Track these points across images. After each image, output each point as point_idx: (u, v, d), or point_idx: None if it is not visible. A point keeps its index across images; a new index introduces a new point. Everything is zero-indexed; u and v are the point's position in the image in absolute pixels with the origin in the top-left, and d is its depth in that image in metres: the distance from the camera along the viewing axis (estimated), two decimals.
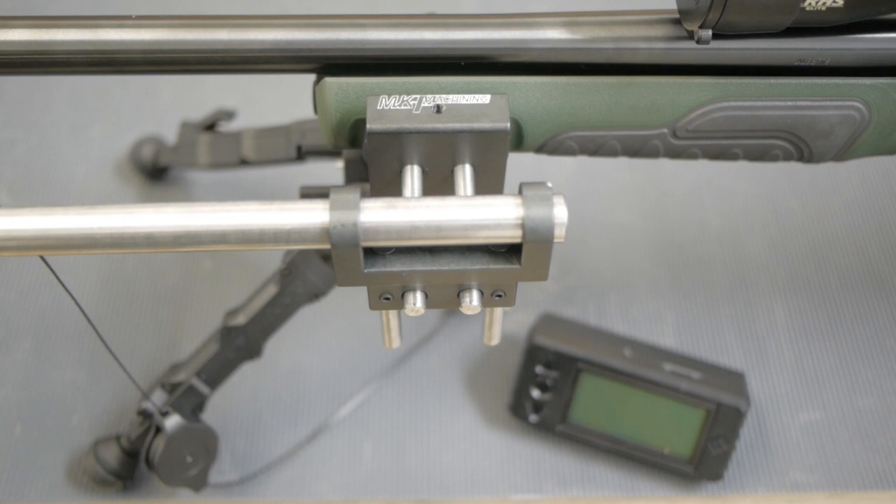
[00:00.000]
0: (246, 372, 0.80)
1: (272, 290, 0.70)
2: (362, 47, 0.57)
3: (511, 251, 0.53)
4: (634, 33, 0.58)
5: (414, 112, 0.56)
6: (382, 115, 0.56)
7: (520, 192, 0.51)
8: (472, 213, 0.51)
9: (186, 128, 0.89)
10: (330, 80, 0.58)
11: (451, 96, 0.57)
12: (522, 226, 0.50)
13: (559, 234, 0.51)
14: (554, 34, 0.58)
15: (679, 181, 0.97)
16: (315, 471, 0.78)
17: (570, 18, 0.59)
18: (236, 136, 0.83)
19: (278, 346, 0.82)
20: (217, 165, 0.85)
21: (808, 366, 0.84)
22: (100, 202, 0.93)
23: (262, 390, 0.82)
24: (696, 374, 0.76)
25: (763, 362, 0.84)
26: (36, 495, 0.77)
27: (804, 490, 0.78)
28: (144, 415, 0.72)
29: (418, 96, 0.57)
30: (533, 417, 0.78)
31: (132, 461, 0.75)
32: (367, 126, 0.55)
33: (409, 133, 0.56)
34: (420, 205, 0.51)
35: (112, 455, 0.74)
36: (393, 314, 0.59)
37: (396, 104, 0.57)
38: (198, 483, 0.72)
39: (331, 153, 0.75)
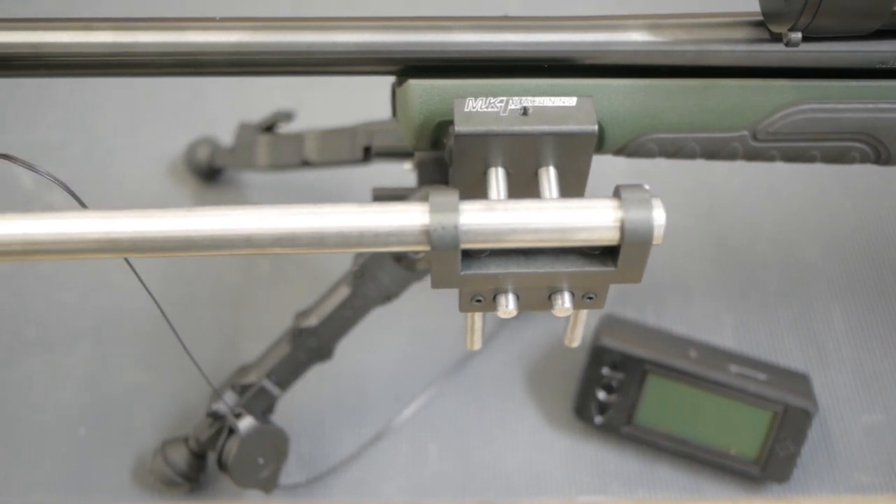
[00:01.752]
0: (308, 374, 0.80)
1: (344, 291, 0.70)
2: (447, 49, 0.57)
3: (605, 253, 0.53)
4: (716, 35, 0.58)
5: (501, 114, 0.56)
6: (470, 118, 0.56)
7: (616, 195, 0.51)
8: (570, 215, 0.50)
9: (244, 129, 0.89)
10: (415, 83, 0.58)
11: (537, 98, 0.57)
12: (621, 228, 0.50)
13: (658, 235, 0.51)
14: (637, 36, 0.58)
15: (729, 183, 0.97)
16: (380, 472, 0.78)
17: (652, 21, 0.59)
18: (298, 138, 0.83)
19: (340, 347, 0.82)
20: (277, 167, 0.85)
21: (868, 367, 0.84)
22: (156, 203, 0.93)
23: (325, 392, 0.82)
24: (762, 376, 0.76)
25: (823, 364, 0.84)
26: (102, 497, 0.77)
27: (869, 492, 0.78)
28: (215, 416, 0.72)
29: (505, 98, 0.57)
30: (598, 419, 0.78)
31: (200, 463, 0.75)
32: (455, 128, 0.55)
33: (497, 135, 0.56)
34: (518, 207, 0.51)
35: (180, 456, 0.74)
36: (479, 316, 0.59)
37: (483, 106, 0.57)
38: (268, 485, 0.72)
39: (399, 155, 0.75)
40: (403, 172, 0.76)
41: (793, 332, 0.86)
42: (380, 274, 0.70)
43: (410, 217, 0.50)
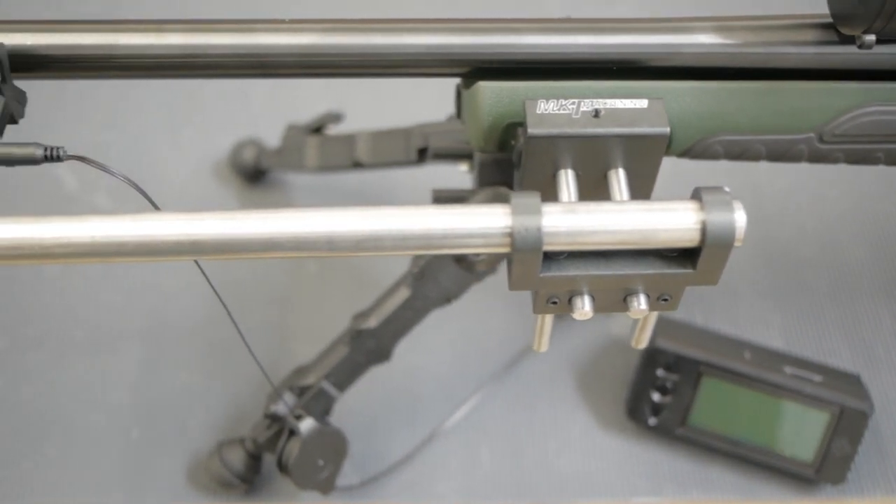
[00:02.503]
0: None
1: (404, 293, 0.70)
2: (517, 51, 0.57)
3: (684, 255, 0.53)
4: (784, 38, 0.58)
5: (573, 116, 0.56)
6: (542, 120, 0.56)
7: (696, 197, 0.51)
8: (652, 217, 0.50)
9: (292, 130, 0.89)
10: (485, 84, 0.58)
11: (607, 100, 0.57)
12: (703, 230, 0.50)
13: (739, 237, 0.51)
14: (705, 38, 0.58)
15: (773, 185, 0.97)
16: (434, 473, 0.78)
17: (721, 23, 0.59)
18: (349, 139, 0.83)
19: None
20: (326, 168, 0.85)
21: None
22: (202, 204, 0.94)
23: (377, 393, 0.82)
24: (816, 377, 0.76)
25: (872, 365, 0.84)
26: (157, 499, 0.77)
27: None
28: (273, 418, 0.72)
29: (576, 100, 0.57)
30: (652, 420, 0.78)
31: (256, 464, 0.75)
32: (528, 130, 0.55)
33: (569, 137, 0.56)
34: (600, 209, 0.51)
35: (237, 458, 0.74)
36: (549, 318, 0.59)
37: (555, 108, 0.56)
38: (327, 486, 0.73)
39: (455, 156, 0.75)
40: (459, 174, 0.76)
41: (841, 333, 0.86)
42: (440, 276, 0.70)
43: (493, 219, 0.50)
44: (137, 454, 0.79)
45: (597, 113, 0.56)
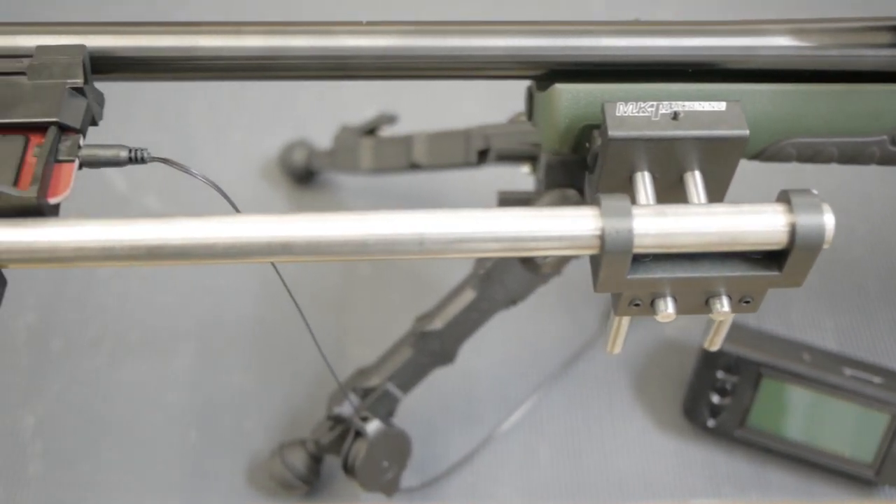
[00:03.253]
0: None
1: (470, 294, 0.70)
2: (593, 53, 0.57)
3: (769, 257, 0.53)
4: (860, 40, 0.58)
5: (652, 119, 0.56)
6: (623, 122, 0.56)
7: (783, 199, 0.51)
8: (740, 220, 0.51)
9: (345, 132, 0.89)
10: (562, 87, 0.58)
11: (686, 103, 0.57)
12: (792, 232, 0.50)
13: (828, 239, 0.51)
14: (782, 41, 0.58)
15: (821, 185, 0.96)
16: (493, 475, 0.79)
17: (796, 25, 0.59)
18: (406, 141, 0.83)
19: None
20: (381, 170, 0.85)
21: None
22: (252, 206, 0.93)
23: (433, 395, 0.82)
24: (876, 379, 0.76)
25: None
26: (218, 501, 0.77)
27: None
28: (337, 419, 0.72)
29: (655, 103, 0.57)
30: (710, 422, 0.78)
31: (317, 466, 0.75)
32: (609, 132, 0.55)
33: (649, 140, 0.56)
34: (689, 212, 0.51)
35: (299, 459, 0.74)
36: (627, 320, 0.59)
37: (634, 111, 0.56)
38: (391, 488, 0.73)
39: (517, 158, 0.75)
40: (501, 175, 0.76)
41: (894, 334, 0.86)
42: (506, 278, 0.70)
43: (584, 221, 0.50)
44: (196, 456, 0.79)
45: (676, 115, 0.56)
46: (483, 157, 0.77)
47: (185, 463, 0.79)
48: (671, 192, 0.60)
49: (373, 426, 0.70)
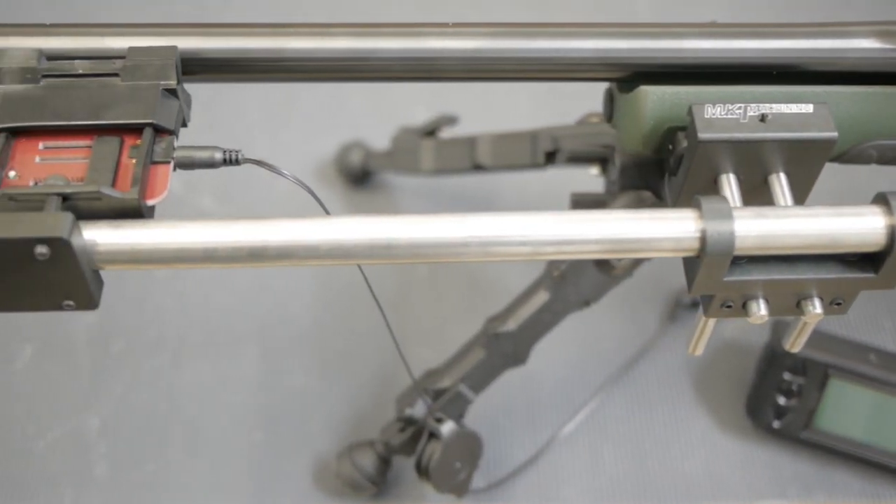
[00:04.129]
0: None
1: (543, 296, 0.70)
2: (680, 56, 0.57)
3: (864, 260, 0.53)
4: None
5: (741, 121, 0.56)
6: (711, 124, 0.56)
7: (880, 201, 0.51)
8: (839, 222, 0.51)
9: (405, 133, 0.89)
10: (649, 89, 0.58)
11: (773, 105, 0.57)
12: (891, 235, 0.50)
13: None
14: (867, 43, 0.58)
15: (875, 186, 0.97)
16: (558, 476, 0.79)
17: (881, 27, 0.59)
18: (470, 142, 0.83)
19: None
20: (443, 171, 0.85)
21: None
22: (309, 207, 0.93)
23: (496, 397, 0.81)
24: None
25: None
26: (286, 501, 0.77)
27: None
28: (408, 421, 0.72)
29: (742, 105, 0.57)
30: (776, 423, 0.78)
31: (386, 467, 0.75)
32: (699, 135, 0.55)
33: (737, 142, 0.56)
34: (788, 214, 0.51)
35: (368, 460, 0.74)
36: (712, 322, 0.59)
37: (722, 113, 0.56)
38: (462, 489, 0.73)
39: (589, 159, 0.75)
40: (590, 177, 0.76)
41: None
42: (581, 279, 0.70)
43: (684, 223, 0.50)
44: (261, 457, 0.79)
45: (763, 117, 0.56)
46: (551, 158, 0.77)
47: (251, 464, 0.79)
48: (754, 193, 0.60)
49: (447, 427, 0.70)
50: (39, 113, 0.52)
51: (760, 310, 0.54)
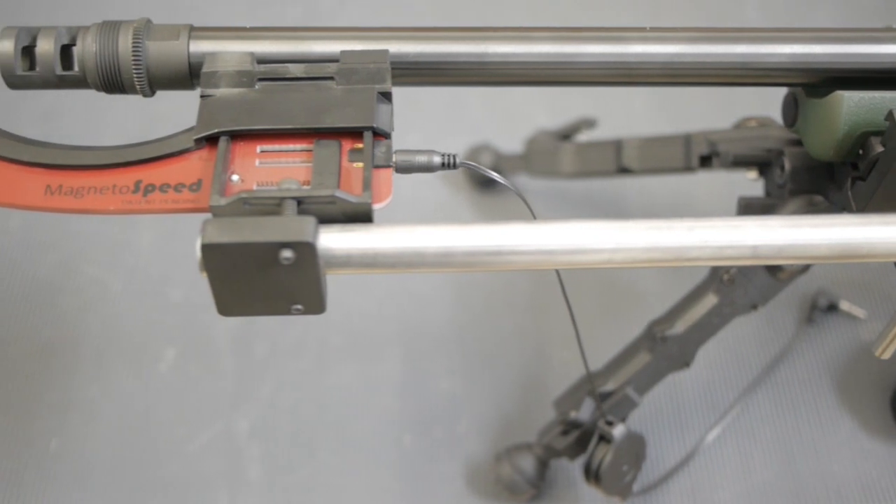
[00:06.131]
0: None
1: (712, 299, 0.70)
2: (878, 61, 0.57)
3: None
4: None
5: None
6: None
7: None
8: None
9: (542, 136, 0.89)
10: (846, 94, 0.58)
11: None
12: None
13: None
14: None
15: None
16: (711, 480, 0.79)
17: None
18: (616, 145, 0.83)
19: None
20: (584, 174, 0.85)
21: None
22: (436, 210, 0.94)
23: (643, 401, 0.82)
24: None
25: None
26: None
27: None
28: (573, 424, 0.72)
29: None
30: None
31: (544, 470, 0.75)
32: None
33: None
34: None
35: (528, 463, 0.74)
36: None
37: None
38: (627, 491, 0.73)
39: (749, 163, 0.75)
40: (749, 182, 0.75)
41: None
42: (751, 283, 0.70)
43: None
44: (412, 460, 0.79)
45: None
46: (705, 162, 0.77)
47: (402, 467, 0.79)
48: None
49: (619, 430, 0.70)
50: (258, 116, 0.52)
51: None
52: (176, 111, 0.68)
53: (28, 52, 0.54)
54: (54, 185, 0.51)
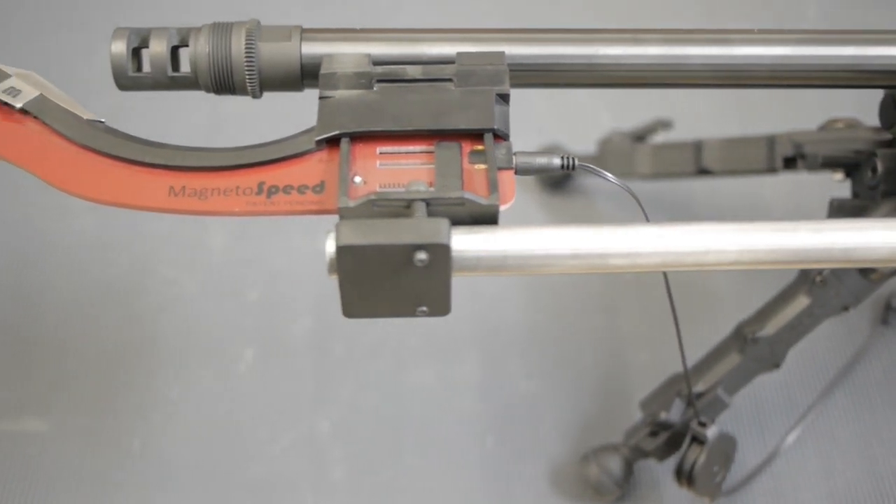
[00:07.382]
0: None
1: (804, 300, 0.71)
2: None
3: None
4: None
5: None
6: None
7: None
8: None
9: (616, 137, 0.89)
10: None
11: None
12: None
13: None
14: None
15: None
16: (794, 481, 0.79)
17: None
18: (695, 146, 0.83)
19: None
20: (661, 175, 0.85)
21: None
22: (506, 212, 0.94)
23: None
24: None
25: None
26: None
27: None
28: (663, 426, 0.72)
29: None
30: None
31: (631, 471, 0.75)
32: None
33: None
34: None
35: (615, 464, 0.74)
36: None
37: None
38: (716, 491, 0.73)
39: (836, 165, 0.75)
40: (834, 183, 0.76)
41: None
42: (842, 284, 0.70)
43: None
44: (496, 461, 0.79)
45: None
46: (790, 163, 0.77)
47: (485, 469, 0.79)
48: None
49: (712, 431, 0.70)
50: (379, 118, 0.52)
51: None
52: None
53: (136, 53, 0.55)
54: (177, 186, 0.52)
